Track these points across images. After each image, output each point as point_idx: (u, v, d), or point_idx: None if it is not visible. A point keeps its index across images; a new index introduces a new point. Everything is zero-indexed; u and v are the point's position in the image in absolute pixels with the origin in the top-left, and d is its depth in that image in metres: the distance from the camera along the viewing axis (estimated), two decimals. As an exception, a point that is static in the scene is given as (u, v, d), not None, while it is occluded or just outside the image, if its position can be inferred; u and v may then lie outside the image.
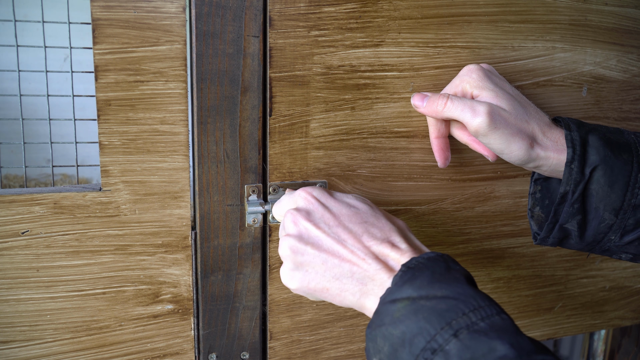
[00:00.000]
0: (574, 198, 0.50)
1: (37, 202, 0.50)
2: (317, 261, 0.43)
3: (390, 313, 0.39)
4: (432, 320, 0.37)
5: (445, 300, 0.38)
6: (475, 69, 0.52)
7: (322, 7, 0.52)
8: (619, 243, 0.52)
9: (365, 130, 0.56)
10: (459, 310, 0.37)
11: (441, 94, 0.52)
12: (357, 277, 0.42)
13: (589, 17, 0.60)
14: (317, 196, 0.46)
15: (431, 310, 0.37)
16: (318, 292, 0.44)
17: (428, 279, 0.39)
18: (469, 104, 0.50)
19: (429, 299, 0.38)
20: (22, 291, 0.51)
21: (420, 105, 0.53)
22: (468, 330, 0.36)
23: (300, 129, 0.54)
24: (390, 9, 0.53)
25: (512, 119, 0.50)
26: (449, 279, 0.40)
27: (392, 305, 0.39)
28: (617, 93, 0.65)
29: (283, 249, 0.44)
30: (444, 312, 0.37)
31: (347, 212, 0.45)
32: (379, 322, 0.39)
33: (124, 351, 0.55)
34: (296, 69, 0.52)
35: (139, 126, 0.50)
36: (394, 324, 0.38)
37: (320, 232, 0.44)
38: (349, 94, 0.55)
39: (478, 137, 0.51)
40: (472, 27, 0.56)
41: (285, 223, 0.45)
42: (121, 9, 0.47)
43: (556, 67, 0.61)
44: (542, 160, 0.51)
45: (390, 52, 0.55)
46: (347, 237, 0.43)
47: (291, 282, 0.44)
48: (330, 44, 0.53)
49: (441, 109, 0.51)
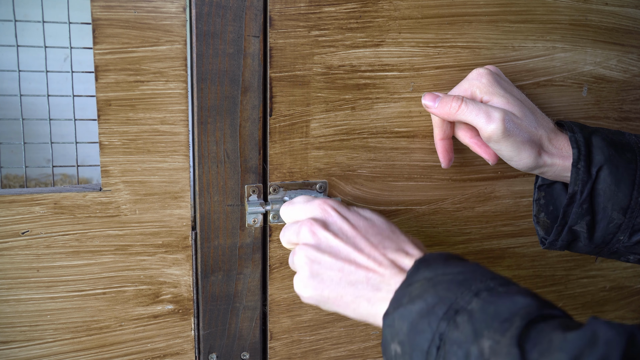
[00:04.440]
0: (583, 198, 0.50)
1: (37, 202, 0.50)
2: (334, 268, 0.43)
3: (407, 293, 0.39)
4: (452, 289, 0.38)
5: (462, 274, 0.39)
6: (485, 73, 0.52)
7: (323, 7, 0.51)
8: (627, 243, 0.52)
9: (365, 130, 0.56)
10: (478, 279, 0.38)
11: (454, 96, 0.51)
12: (373, 283, 0.42)
13: (589, 17, 0.60)
14: (335, 207, 0.47)
15: (450, 282, 0.38)
16: (332, 301, 0.44)
17: (443, 262, 0.41)
18: (484, 109, 0.49)
19: (446, 275, 0.39)
20: (22, 291, 0.51)
21: (432, 106, 0.52)
22: (489, 292, 0.37)
23: (300, 129, 0.54)
24: (391, 9, 0.53)
25: (524, 126, 0.50)
26: (462, 261, 0.42)
27: (408, 287, 0.40)
28: (618, 93, 0.65)
29: (299, 258, 0.44)
30: (463, 281, 0.38)
31: (365, 224, 0.46)
32: (396, 304, 0.40)
33: (124, 351, 0.55)
34: (296, 68, 0.52)
35: (139, 126, 0.50)
36: (412, 302, 0.38)
37: (339, 242, 0.44)
38: (349, 94, 0.55)
39: (490, 143, 0.51)
40: (473, 27, 0.56)
41: (302, 232, 0.45)
42: (121, 9, 0.47)
43: (556, 67, 0.61)
44: (547, 167, 0.51)
45: (390, 52, 0.55)
46: (364, 245, 0.44)
47: (305, 290, 0.44)
48: (331, 44, 0.53)
49: (454, 112, 0.51)
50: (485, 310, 0.36)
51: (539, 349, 0.33)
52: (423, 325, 0.37)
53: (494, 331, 0.35)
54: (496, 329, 0.35)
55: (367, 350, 0.63)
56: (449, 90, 0.56)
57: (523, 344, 0.33)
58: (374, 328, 0.62)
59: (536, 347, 0.33)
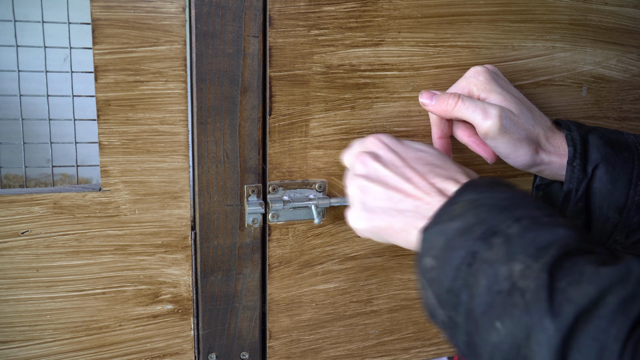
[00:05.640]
0: (578, 196, 0.50)
1: (37, 202, 0.50)
2: (384, 197, 0.44)
3: (449, 212, 0.39)
4: (494, 212, 0.37)
5: (508, 199, 0.38)
6: (482, 71, 0.52)
7: (322, 6, 0.52)
8: (625, 243, 0.52)
9: (365, 129, 0.56)
10: (522, 207, 0.37)
11: (451, 93, 0.51)
12: (421, 211, 0.42)
13: (589, 16, 0.60)
14: (386, 141, 0.48)
15: (493, 205, 0.38)
16: (383, 231, 0.45)
17: (489, 186, 0.40)
18: (481, 106, 0.50)
19: (492, 198, 0.38)
20: (22, 291, 0.51)
21: (429, 103, 0.52)
22: (531, 220, 0.36)
23: (300, 128, 0.54)
24: (390, 8, 0.53)
25: (521, 123, 0.50)
26: (510, 188, 0.40)
27: (451, 206, 0.39)
28: (617, 93, 0.65)
29: (352, 189, 0.46)
30: (508, 207, 0.37)
31: (414, 155, 0.46)
32: (436, 221, 0.39)
33: (123, 351, 0.55)
34: (296, 68, 0.52)
35: (138, 126, 0.50)
36: (453, 219, 0.38)
37: (388, 171, 0.45)
38: (349, 93, 0.55)
39: (486, 140, 0.51)
40: (472, 26, 0.56)
41: (355, 165, 0.47)
42: (121, 9, 0.47)
43: (556, 66, 0.61)
44: (545, 165, 0.51)
45: (390, 52, 0.55)
46: (412, 175, 0.44)
47: (358, 222, 0.46)
48: (330, 43, 0.53)
49: (451, 109, 0.51)
50: (523, 236, 0.35)
51: (568, 279, 0.32)
52: (459, 242, 0.37)
53: (528, 256, 0.34)
54: (531, 254, 0.34)
55: (366, 349, 0.63)
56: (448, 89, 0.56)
57: (554, 272, 0.33)
58: (373, 327, 0.62)
59: (565, 277, 0.33)
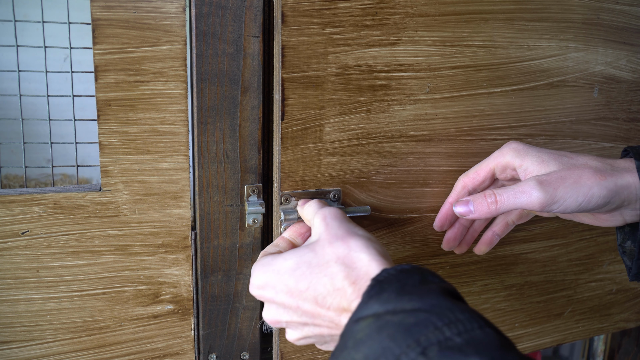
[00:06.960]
0: None
1: (37, 202, 0.50)
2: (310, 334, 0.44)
3: (353, 334, 0.35)
4: (397, 338, 0.33)
5: (414, 314, 0.34)
6: (516, 142, 0.51)
7: (337, 3, 0.49)
8: None
9: (380, 134, 0.54)
10: (430, 324, 0.32)
11: (484, 192, 0.48)
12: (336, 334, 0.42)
13: (601, 15, 0.60)
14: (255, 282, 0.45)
15: (397, 327, 0.33)
16: (318, 341, 0.45)
17: (396, 292, 0.36)
18: (518, 189, 0.47)
19: (396, 314, 0.34)
20: (22, 291, 0.51)
21: (469, 212, 0.49)
22: (440, 347, 0.31)
23: (313, 133, 0.51)
24: (407, 5, 0.51)
25: (564, 170, 0.47)
26: (422, 291, 0.35)
27: (355, 325, 0.36)
28: (626, 93, 0.64)
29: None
30: (412, 327, 0.33)
31: (293, 282, 0.43)
32: (342, 346, 0.36)
33: (124, 351, 0.55)
34: (310, 69, 0.50)
35: (139, 126, 0.50)
36: (356, 347, 0.34)
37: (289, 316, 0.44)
38: (365, 95, 0.52)
39: (552, 211, 0.47)
40: (489, 25, 0.55)
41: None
42: (121, 9, 0.47)
43: (569, 67, 0.60)
44: (624, 189, 0.46)
45: (406, 51, 0.53)
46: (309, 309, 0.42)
47: (290, 336, 0.46)
48: (346, 42, 0.50)
49: (495, 208, 0.47)
50: None
51: None
52: None
53: None
54: None
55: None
56: (463, 91, 0.55)
57: None
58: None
59: None
